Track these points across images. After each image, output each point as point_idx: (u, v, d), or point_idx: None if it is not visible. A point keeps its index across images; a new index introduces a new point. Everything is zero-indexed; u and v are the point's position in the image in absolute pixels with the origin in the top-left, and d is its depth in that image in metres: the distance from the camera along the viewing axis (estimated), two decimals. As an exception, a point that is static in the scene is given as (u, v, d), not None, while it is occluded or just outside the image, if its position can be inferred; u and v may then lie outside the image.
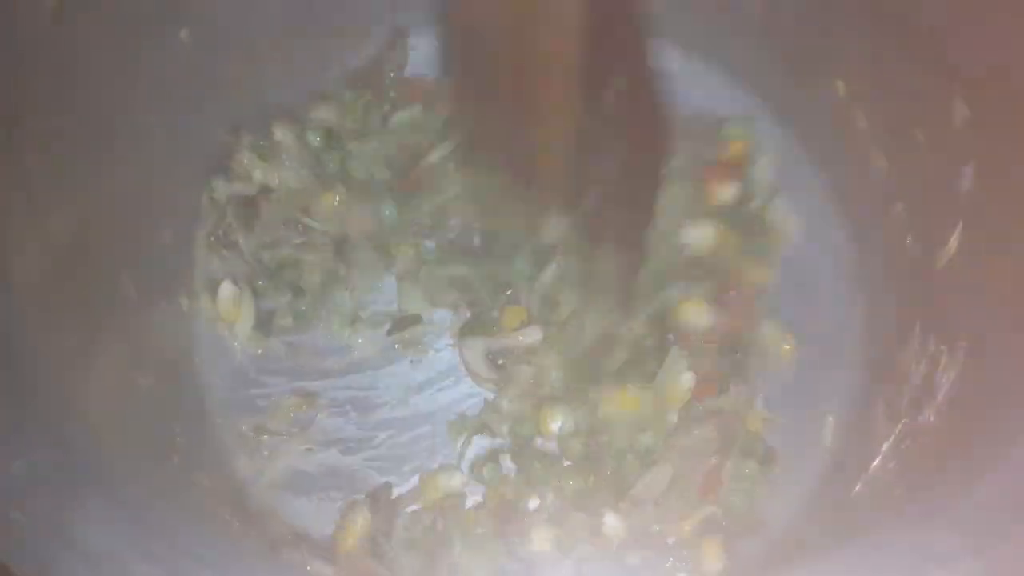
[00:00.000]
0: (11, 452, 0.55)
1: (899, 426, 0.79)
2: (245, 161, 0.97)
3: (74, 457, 0.55)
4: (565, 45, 0.73)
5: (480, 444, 0.89)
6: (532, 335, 0.90)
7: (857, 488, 0.77)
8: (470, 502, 0.86)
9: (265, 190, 0.97)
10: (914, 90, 0.86)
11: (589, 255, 0.90)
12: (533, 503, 0.85)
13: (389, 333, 0.92)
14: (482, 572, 0.82)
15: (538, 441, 0.88)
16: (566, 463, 0.86)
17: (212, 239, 0.96)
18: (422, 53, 1.04)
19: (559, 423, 0.86)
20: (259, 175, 0.97)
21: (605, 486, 0.84)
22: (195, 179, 0.97)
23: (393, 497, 0.86)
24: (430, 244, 0.95)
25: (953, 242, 0.83)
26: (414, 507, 0.86)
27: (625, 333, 0.89)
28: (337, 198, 0.96)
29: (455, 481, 0.86)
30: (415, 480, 0.87)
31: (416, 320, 0.93)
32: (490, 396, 0.90)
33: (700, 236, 0.95)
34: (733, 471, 0.85)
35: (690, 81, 1.09)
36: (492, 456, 0.87)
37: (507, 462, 0.87)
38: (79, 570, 0.51)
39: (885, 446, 0.79)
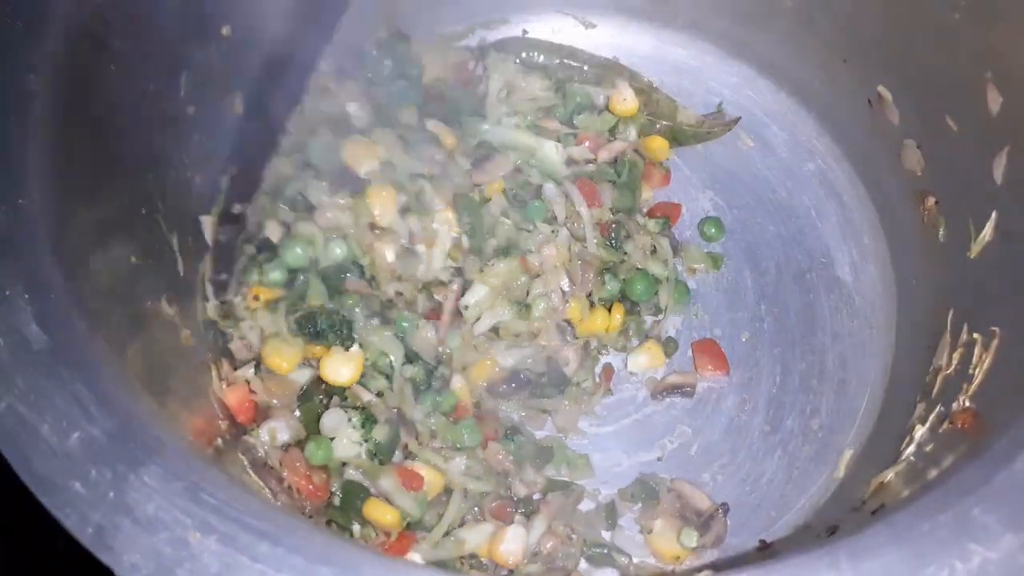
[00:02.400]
0: (69, 426, 0.57)
1: (934, 412, 0.79)
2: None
3: (130, 430, 0.57)
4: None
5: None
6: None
7: (891, 470, 0.77)
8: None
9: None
10: (947, 78, 0.87)
11: None
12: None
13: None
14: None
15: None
16: None
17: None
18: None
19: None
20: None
21: None
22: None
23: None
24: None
25: (987, 232, 0.83)
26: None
27: None
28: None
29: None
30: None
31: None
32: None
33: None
34: None
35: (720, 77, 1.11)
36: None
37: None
38: (136, 537, 0.53)
39: (919, 432, 0.79)
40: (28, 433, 0.56)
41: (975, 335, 0.80)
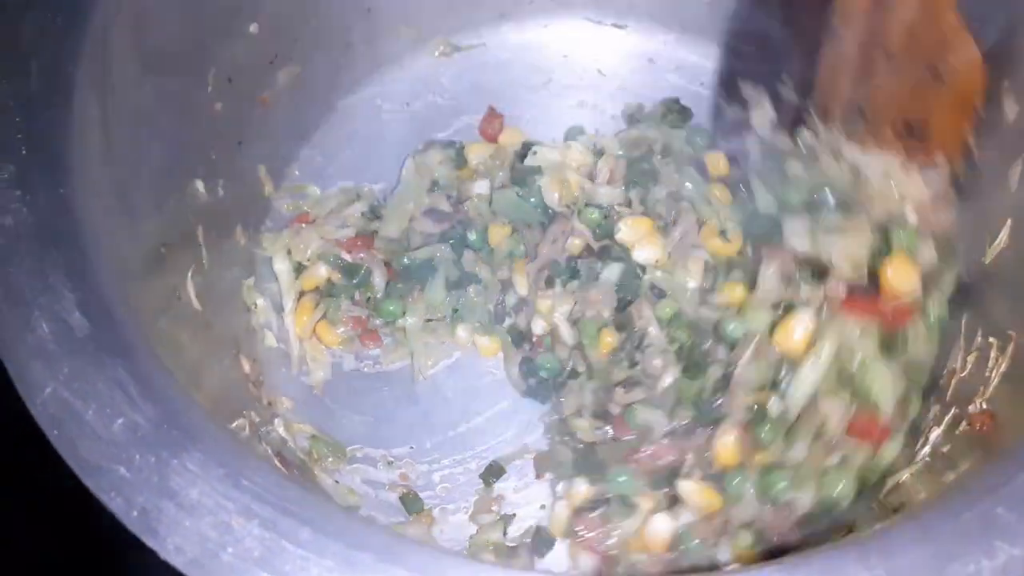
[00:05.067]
0: (113, 412, 0.58)
1: (949, 414, 0.81)
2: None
3: (172, 416, 0.58)
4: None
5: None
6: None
7: (907, 471, 0.79)
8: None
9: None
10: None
11: None
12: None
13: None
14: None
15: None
16: None
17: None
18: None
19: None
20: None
21: None
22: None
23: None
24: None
25: (1002, 238, 0.85)
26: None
27: None
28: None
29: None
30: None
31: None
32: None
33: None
34: None
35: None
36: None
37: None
38: (181, 521, 0.54)
39: (935, 433, 0.81)
40: (73, 418, 0.57)
41: (991, 339, 0.82)
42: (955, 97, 0.85)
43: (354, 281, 0.96)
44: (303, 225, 0.99)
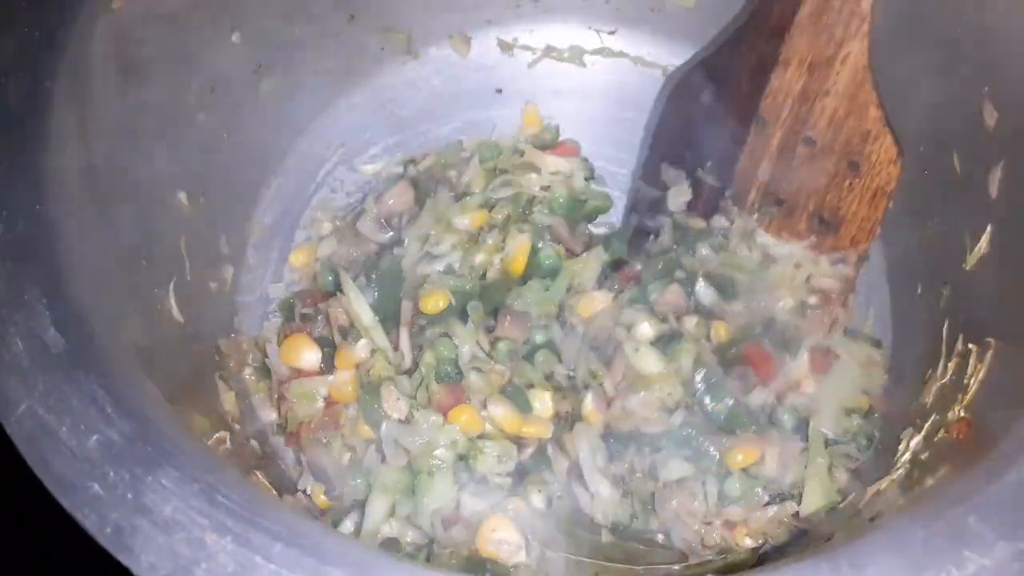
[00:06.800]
0: (88, 429, 0.58)
1: (929, 421, 0.81)
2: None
3: (146, 433, 0.58)
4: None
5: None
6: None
7: (887, 479, 0.79)
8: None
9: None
10: (944, 95, 0.89)
11: None
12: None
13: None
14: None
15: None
16: None
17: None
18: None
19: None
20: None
21: None
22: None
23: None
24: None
25: (982, 245, 0.85)
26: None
27: None
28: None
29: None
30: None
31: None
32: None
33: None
34: None
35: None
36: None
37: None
38: (154, 537, 0.54)
39: (915, 440, 0.81)
40: (48, 435, 0.57)
41: (970, 346, 0.82)
42: (870, 190, 0.91)
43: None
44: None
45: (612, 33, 1.15)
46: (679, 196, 1.01)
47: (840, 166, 0.91)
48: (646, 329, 0.89)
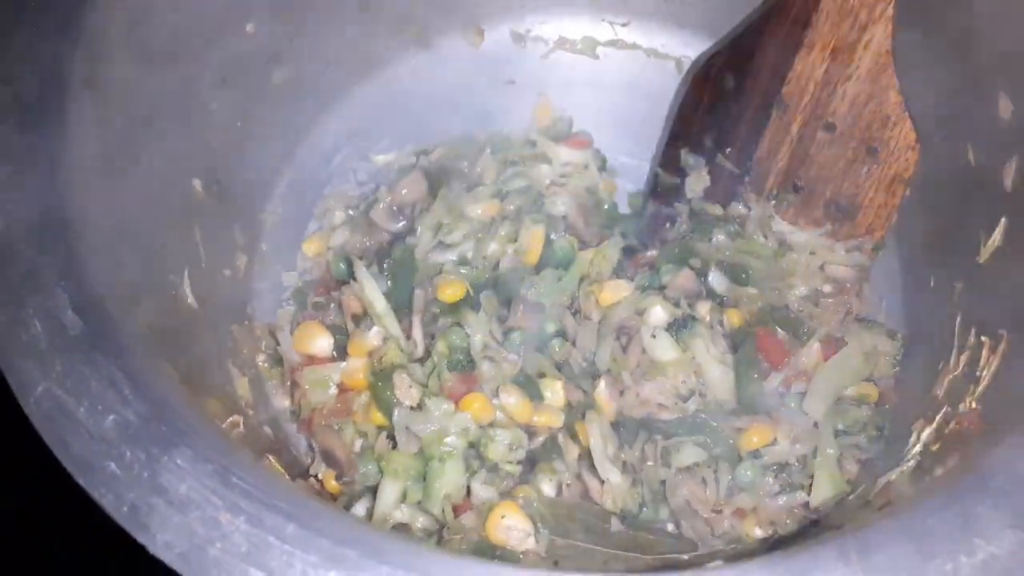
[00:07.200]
0: (105, 409, 0.59)
1: (940, 412, 0.81)
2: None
3: (162, 413, 0.59)
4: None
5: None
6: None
7: (898, 469, 0.79)
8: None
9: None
10: (960, 86, 0.88)
11: None
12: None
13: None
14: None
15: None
16: None
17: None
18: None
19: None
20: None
21: None
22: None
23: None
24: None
25: (996, 238, 0.85)
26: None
27: None
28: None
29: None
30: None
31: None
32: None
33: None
34: None
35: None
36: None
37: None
38: (170, 516, 0.55)
39: (926, 431, 0.81)
40: (66, 416, 0.58)
41: (983, 338, 0.82)
42: (888, 176, 0.91)
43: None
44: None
45: (625, 25, 1.15)
46: (698, 183, 1.01)
47: (859, 152, 0.91)
48: (659, 313, 0.89)
